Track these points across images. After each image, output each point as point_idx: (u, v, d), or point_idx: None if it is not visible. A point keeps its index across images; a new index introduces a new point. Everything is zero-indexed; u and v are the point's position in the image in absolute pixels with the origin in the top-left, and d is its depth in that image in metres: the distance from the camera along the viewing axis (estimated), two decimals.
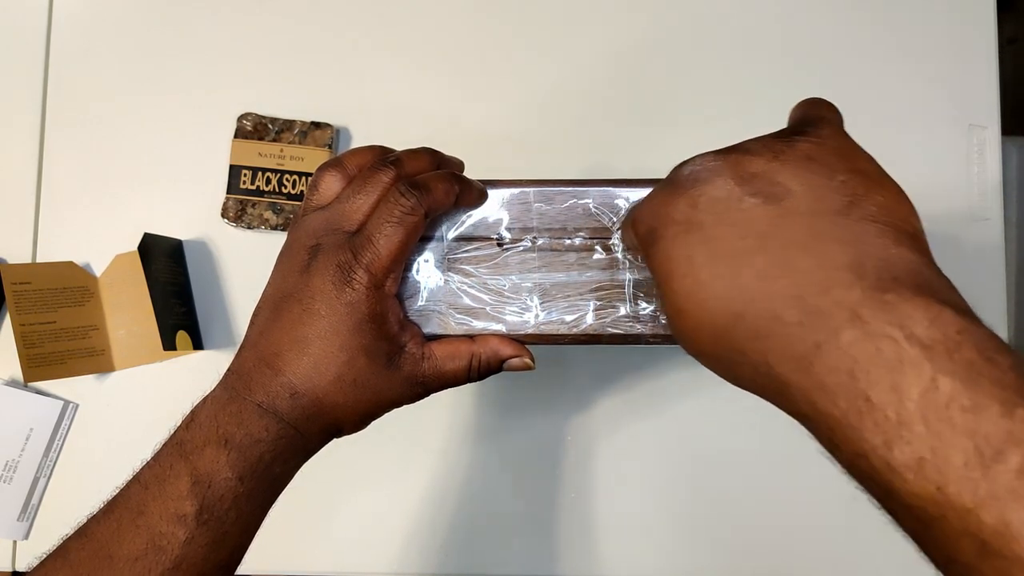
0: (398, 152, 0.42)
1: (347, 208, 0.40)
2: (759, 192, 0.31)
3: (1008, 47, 1.30)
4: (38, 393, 0.62)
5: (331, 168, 0.41)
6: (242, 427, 0.37)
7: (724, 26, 0.65)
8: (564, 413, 0.63)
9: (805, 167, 0.32)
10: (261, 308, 0.40)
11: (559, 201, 0.45)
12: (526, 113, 0.64)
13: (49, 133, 0.65)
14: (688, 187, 0.33)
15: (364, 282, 0.38)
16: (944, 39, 0.65)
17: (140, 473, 0.39)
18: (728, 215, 0.31)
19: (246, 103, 0.64)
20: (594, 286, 0.45)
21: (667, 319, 0.35)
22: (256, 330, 0.39)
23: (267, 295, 0.40)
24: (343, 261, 0.38)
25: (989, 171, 0.63)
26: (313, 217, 0.40)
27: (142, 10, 0.66)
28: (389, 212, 0.39)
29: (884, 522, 0.27)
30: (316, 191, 0.41)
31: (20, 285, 0.59)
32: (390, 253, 0.39)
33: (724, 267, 0.31)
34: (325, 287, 0.38)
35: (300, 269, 0.39)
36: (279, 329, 0.38)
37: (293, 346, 0.38)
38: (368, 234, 0.38)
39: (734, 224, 0.31)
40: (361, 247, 0.38)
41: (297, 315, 0.38)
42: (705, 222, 0.32)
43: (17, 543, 0.62)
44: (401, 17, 0.66)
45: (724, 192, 0.32)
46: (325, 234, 0.39)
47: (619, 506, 0.62)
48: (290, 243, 0.41)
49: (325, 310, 0.38)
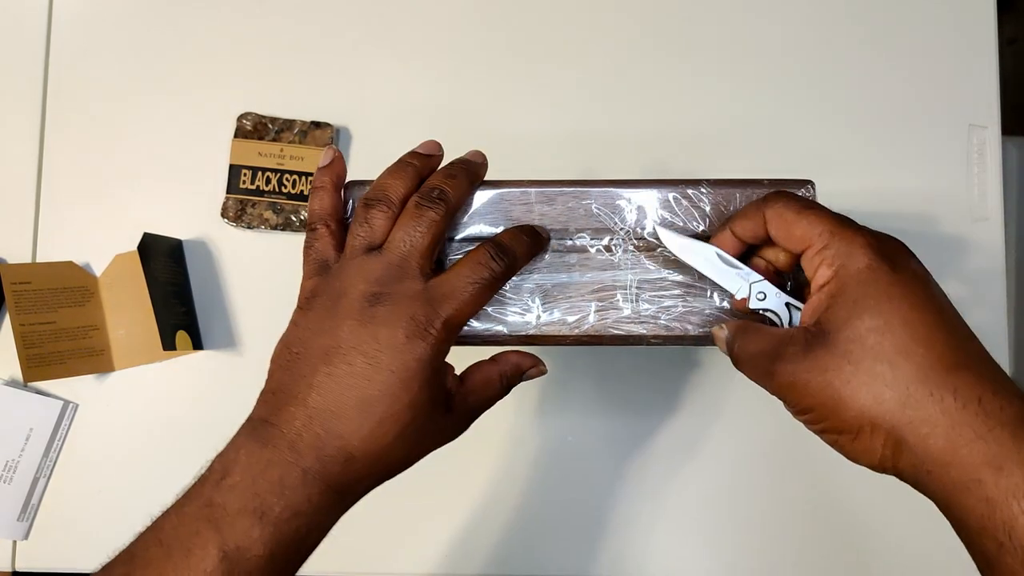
0: (438, 180, 0.41)
1: (409, 252, 0.38)
2: (940, 310, 0.35)
3: (1008, 47, 1.30)
4: (38, 393, 0.62)
5: (381, 205, 0.40)
6: (283, 498, 0.34)
7: (724, 26, 0.65)
8: (565, 413, 0.63)
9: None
10: (301, 355, 0.37)
11: (560, 202, 0.45)
12: (527, 113, 0.64)
13: (49, 133, 0.65)
14: (924, 274, 0.36)
15: (441, 337, 0.37)
16: (944, 39, 0.65)
17: (162, 528, 0.35)
18: (942, 294, 0.35)
19: (246, 103, 0.63)
20: (595, 287, 0.45)
21: (843, 331, 0.35)
22: (303, 382, 0.36)
23: (308, 341, 0.37)
24: (419, 314, 0.37)
25: (989, 171, 0.63)
26: (369, 261, 0.38)
27: (142, 10, 0.66)
28: (478, 274, 0.39)
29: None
30: (366, 229, 0.39)
31: (20, 285, 0.59)
32: (473, 310, 0.39)
33: (946, 322, 0.34)
34: (395, 340, 0.36)
35: (358, 318, 0.37)
36: (337, 386, 0.36)
37: (356, 407, 0.36)
38: (452, 290, 0.38)
39: (948, 304, 0.35)
40: (443, 301, 0.38)
41: (359, 370, 0.36)
42: (930, 284, 0.35)
43: (17, 543, 0.62)
44: (401, 17, 0.66)
45: (938, 293, 0.35)
46: (390, 282, 0.37)
47: (619, 506, 0.62)
48: (341, 288, 0.38)
49: (394, 365, 0.36)
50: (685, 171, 0.47)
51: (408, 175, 0.41)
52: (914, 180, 0.64)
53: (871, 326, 0.33)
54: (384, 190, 0.40)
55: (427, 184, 0.41)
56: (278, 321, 0.62)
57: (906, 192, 0.63)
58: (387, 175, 0.41)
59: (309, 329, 0.38)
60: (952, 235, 0.63)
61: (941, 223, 0.63)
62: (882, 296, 0.34)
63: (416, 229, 0.39)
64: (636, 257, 0.45)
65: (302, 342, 0.38)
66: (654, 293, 0.45)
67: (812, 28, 0.65)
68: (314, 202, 0.42)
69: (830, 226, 0.36)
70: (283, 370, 0.38)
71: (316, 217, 0.42)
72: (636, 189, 0.45)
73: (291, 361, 0.37)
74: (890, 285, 0.34)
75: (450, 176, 0.41)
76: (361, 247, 0.39)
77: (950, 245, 0.63)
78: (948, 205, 0.63)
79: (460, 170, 0.42)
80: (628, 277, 0.45)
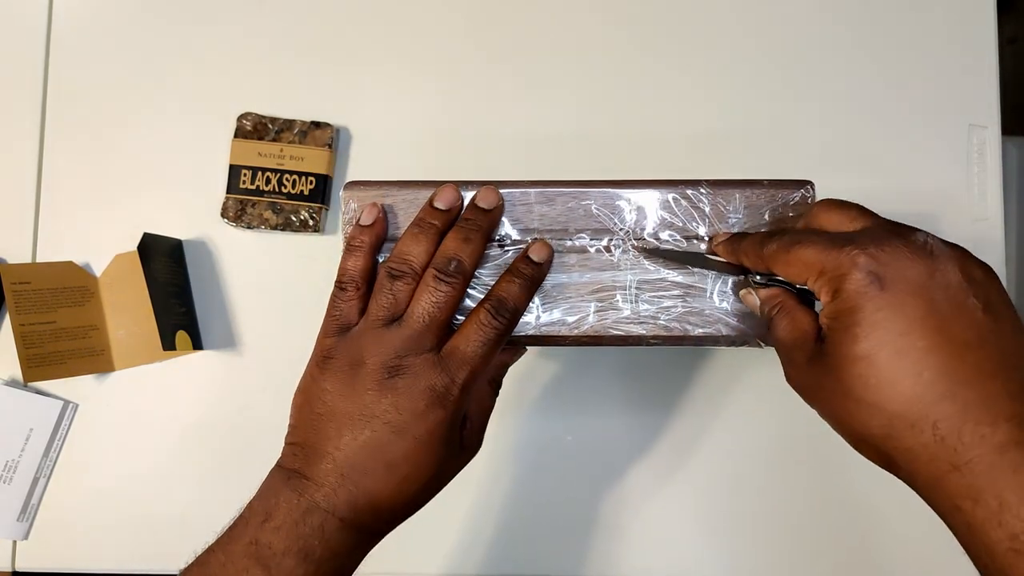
0: (454, 248, 0.42)
1: (427, 327, 0.40)
2: (980, 297, 0.33)
3: (1008, 47, 1.30)
4: (38, 393, 0.62)
5: (405, 278, 0.42)
6: (324, 541, 0.38)
7: (723, 26, 0.65)
8: (564, 413, 0.63)
9: (1008, 299, 0.34)
10: (326, 417, 0.40)
11: (560, 202, 0.45)
12: (527, 113, 0.64)
13: (49, 133, 0.65)
14: (927, 256, 0.34)
15: (459, 399, 0.40)
16: (944, 39, 0.65)
17: (208, 563, 0.39)
18: (956, 303, 0.33)
19: (246, 103, 0.63)
20: (595, 287, 0.45)
21: (838, 357, 0.35)
22: (331, 444, 0.39)
23: (332, 404, 0.40)
24: (437, 384, 0.40)
25: (989, 171, 0.63)
26: (389, 334, 0.40)
27: (142, 10, 0.66)
28: (484, 335, 0.41)
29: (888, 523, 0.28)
30: (390, 301, 0.41)
31: (20, 285, 0.59)
32: (486, 366, 0.42)
33: (937, 343, 0.32)
34: (416, 409, 0.39)
35: (379, 388, 0.39)
36: (364, 450, 0.39)
37: (383, 469, 0.39)
38: (463, 356, 0.40)
39: (959, 315, 0.33)
40: (458, 368, 0.40)
41: (384, 437, 0.39)
42: (937, 299, 0.33)
43: (17, 543, 0.62)
44: (401, 17, 0.65)
45: (956, 280, 0.33)
46: (407, 355, 0.40)
47: (620, 506, 0.62)
48: (361, 357, 0.40)
49: (417, 431, 0.39)
50: (685, 171, 0.46)
51: (430, 238, 0.43)
52: (914, 180, 0.64)
53: (860, 354, 0.33)
54: (408, 260, 0.42)
55: (444, 252, 0.42)
56: (278, 321, 0.63)
57: (906, 192, 0.63)
58: (410, 240, 0.43)
59: (330, 392, 0.40)
60: (952, 235, 0.62)
61: (941, 223, 0.63)
62: (869, 323, 0.33)
63: (434, 305, 0.41)
64: (635, 258, 0.45)
65: (325, 403, 0.40)
66: (653, 294, 0.45)
67: (812, 28, 0.65)
68: (348, 260, 0.43)
69: (820, 256, 0.36)
70: (309, 428, 0.41)
71: (348, 277, 0.43)
72: (636, 189, 0.45)
73: (316, 421, 0.40)
74: (876, 311, 0.33)
75: (466, 241, 0.43)
76: (383, 319, 0.41)
77: None
78: (948, 205, 0.63)
79: (475, 232, 0.43)
80: (627, 278, 0.45)
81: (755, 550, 0.62)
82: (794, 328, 0.38)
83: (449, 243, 0.42)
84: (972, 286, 0.33)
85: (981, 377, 0.32)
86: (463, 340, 0.41)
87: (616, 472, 0.62)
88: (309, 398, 0.41)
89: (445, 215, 0.44)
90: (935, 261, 0.34)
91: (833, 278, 0.35)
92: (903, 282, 0.33)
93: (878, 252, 0.34)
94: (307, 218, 0.62)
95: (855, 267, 0.34)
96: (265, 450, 0.62)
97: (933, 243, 0.35)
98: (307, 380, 0.42)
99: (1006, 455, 0.30)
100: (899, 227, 0.36)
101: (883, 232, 0.35)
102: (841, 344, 0.34)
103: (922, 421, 0.32)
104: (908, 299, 0.33)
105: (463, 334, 0.41)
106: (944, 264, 0.34)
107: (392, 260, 0.42)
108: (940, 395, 0.32)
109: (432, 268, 0.41)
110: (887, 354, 0.33)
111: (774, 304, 0.40)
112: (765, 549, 0.62)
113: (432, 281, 0.41)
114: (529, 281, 0.43)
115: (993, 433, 0.31)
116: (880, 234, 0.35)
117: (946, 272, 0.33)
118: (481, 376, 0.42)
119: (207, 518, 0.62)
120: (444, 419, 0.40)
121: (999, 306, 0.33)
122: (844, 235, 0.36)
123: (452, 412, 0.40)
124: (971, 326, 0.33)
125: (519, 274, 0.43)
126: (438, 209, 0.44)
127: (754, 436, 0.62)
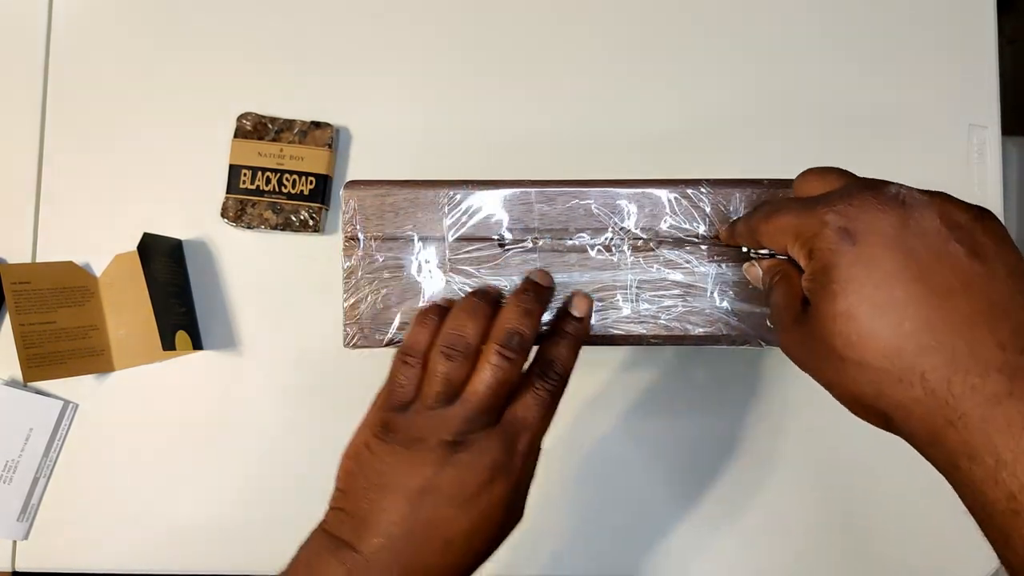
0: (515, 322, 0.42)
1: (489, 405, 0.40)
2: (964, 242, 0.32)
3: (1008, 47, 1.30)
4: (38, 393, 0.62)
5: (460, 357, 0.41)
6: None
7: (723, 27, 0.65)
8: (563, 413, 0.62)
9: (1003, 240, 0.33)
10: (380, 488, 0.39)
11: (560, 202, 0.45)
12: (527, 112, 0.64)
13: (49, 133, 0.65)
14: (899, 206, 0.33)
15: (522, 468, 0.40)
16: (944, 39, 0.65)
17: None
18: (935, 250, 0.32)
19: (246, 103, 0.63)
20: (596, 287, 0.45)
21: (819, 317, 0.34)
22: (386, 517, 0.39)
23: (388, 476, 0.40)
24: (499, 457, 0.39)
25: (989, 171, 0.63)
26: (450, 413, 0.40)
27: (142, 10, 0.66)
28: (540, 401, 0.41)
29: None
30: (446, 383, 0.41)
31: (20, 285, 0.59)
32: (543, 431, 0.42)
33: (916, 292, 0.32)
34: (481, 482, 0.39)
35: (440, 463, 0.39)
36: (422, 527, 0.38)
37: (442, 546, 0.38)
38: (523, 424, 0.40)
39: (939, 261, 0.32)
40: (517, 438, 0.40)
41: (445, 513, 0.38)
42: (914, 247, 0.32)
43: (17, 543, 0.62)
44: (401, 17, 0.65)
45: (933, 227, 0.32)
46: (467, 432, 0.39)
47: (619, 505, 0.62)
48: (421, 434, 0.40)
49: (481, 504, 0.39)
50: (685, 171, 0.46)
51: (483, 315, 0.42)
52: (914, 180, 0.63)
53: (839, 311, 0.33)
54: (464, 337, 0.41)
55: (507, 326, 0.41)
56: (278, 321, 0.63)
57: None
58: (465, 315, 0.42)
59: (388, 464, 0.40)
60: None
61: None
62: (844, 279, 0.33)
63: (498, 381, 0.40)
64: (636, 257, 0.45)
65: (380, 475, 0.39)
66: (654, 293, 0.45)
67: (812, 27, 0.65)
68: (419, 333, 0.43)
69: (794, 220, 0.35)
70: (362, 497, 0.40)
71: (415, 352, 0.42)
72: (636, 189, 0.45)
73: (369, 491, 0.39)
74: (850, 266, 0.32)
75: (527, 315, 0.42)
76: (442, 399, 0.40)
77: None
78: None
79: (535, 305, 0.43)
80: (628, 277, 0.45)
81: (757, 549, 0.62)
82: (787, 294, 0.38)
83: (510, 316, 0.42)
84: (954, 231, 0.32)
85: (967, 324, 0.31)
86: (521, 409, 0.41)
87: (617, 471, 0.62)
88: (362, 466, 0.40)
89: (493, 295, 0.43)
90: (908, 210, 0.33)
91: (806, 239, 0.35)
92: (875, 234, 0.32)
93: (846, 208, 0.33)
94: (307, 218, 0.62)
95: (825, 225, 0.33)
96: (265, 450, 0.63)
97: (906, 193, 0.34)
98: (360, 447, 0.41)
99: (998, 408, 0.29)
100: (872, 181, 0.35)
101: (854, 188, 0.35)
102: (821, 304, 0.34)
103: (909, 374, 0.31)
104: (882, 251, 0.32)
105: (521, 403, 0.41)
106: (919, 212, 0.33)
107: (445, 338, 0.41)
108: (924, 346, 0.31)
109: (494, 343, 0.41)
110: (866, 308, 0.32)
111: (775, 273, 0.40)
112: (775, 550, 0.62)
113: (495, 358, 0.40)
114: (574, 340, 0.43)
115: (984, 384, 0.30)
116: (851, 190, 0.34)
117: (921, 219, 0.33)
118: (539, 441, 0.42)
119: (207, 518, 0.62)
120: (508, 489, 0.40)
121: (987, 248, 0.32)
122: (816, 196, 0.36)
123: (515, 481, 0.40)
124: (954, 272, 0.31)
125: (564, 335, 0.43)
126: (487, 292, 0.44)
127: (756, 433, 0.62)
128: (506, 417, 0.41)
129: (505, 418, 0.41)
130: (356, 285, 0.46)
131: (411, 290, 0.46)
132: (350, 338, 0.46)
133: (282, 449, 0.62)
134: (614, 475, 0.62)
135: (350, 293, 0.46)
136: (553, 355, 0.42)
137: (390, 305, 0.46)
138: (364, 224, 0.46)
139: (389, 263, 0.46)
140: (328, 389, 0.62)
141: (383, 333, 0.46)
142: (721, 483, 0.62)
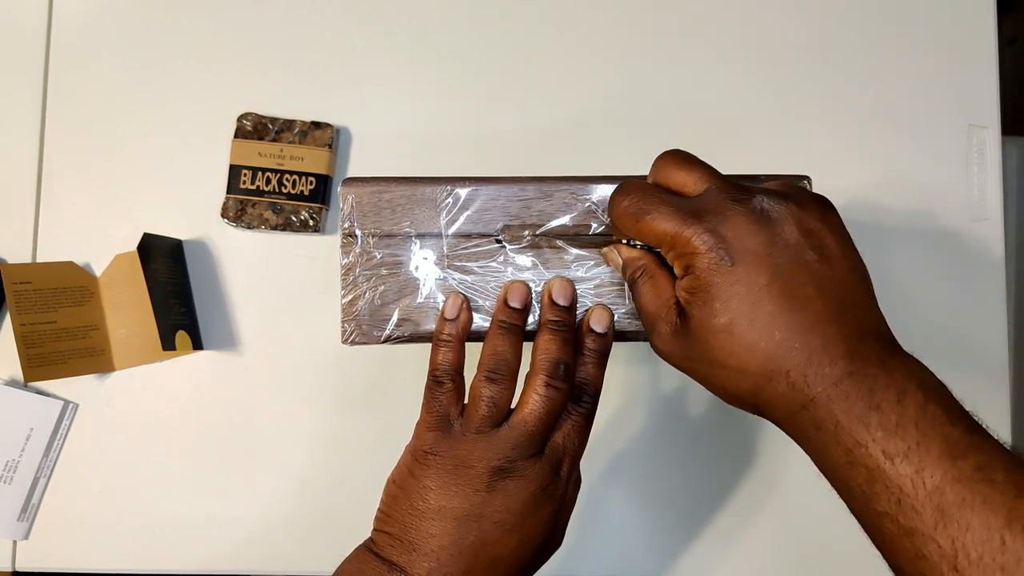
0: (561, 353, 0.42)
1: (535, 432, 0.41)
2: (816, 248, 0.36)
3: (1008, 47, 1.30)
4: (38, 393, 0.62)
5: (504, 381, 0.42)
6: None
7: (723, 23, 0.65)
8: None
9: (844, 239, 0.37)
10: (427, 514, 0.40)
11: (558, 198, 0.45)
12: (525, 109, 0.64)
13: (49, 133, 0.65)
14: (766, 223, 0.36)
15: (565, 491, 0.42)
16: (944, 39, 0.65)
17: None
18: (795, 261, 0.36)
19: (246, 103, 0.64)
20: (593, 284, 0.45)
21: (701, 330, 0.37)
22: (434, 541, 0.40)
23: (434, 500, 0.40)
24: (545, 481, 0.41)
25: (989, 171, 0.63)
26: (496, 438, 0.41)
27: (142, 10, 0.66)
28: (578, 424, 0.43)
29: None
30: (491, 407, 0.41)
31: (20, 285, 0.59)
32: (582, 452, 0.43)
33: (783, 303, 0.35)
34: (527, 507, 0.40)
35: (488, 490, 0.40)
36: (470, 549, 0.40)
37: (487, 567, 0.40)
38: (566, 447, 0.42)
39: (799, 272, 0.35)
40: (561, 461, 0.42)
41: (492, 536, 0.40)
42: (780, 263, 0.35)
43: (17, 543, 0.62)
44: (401, 17, 0.66)
45: (794, 239, 0.36)
46: (515, 459, 0.41)
47: (617, 505, 0.62)
48: (467, 459, 0.41)
49: (527, 527, 0.40)
50: None
51: (518, 337, 0.43)
52: (914, 179, 0.64)
53: (721, 327, 0.36)
54: (506, 362, 0.42)
55: (551, 357, 0.42)
56: (278, 321, 0.63)
57: (905, 191, 0.63)
58: (502, 341, 0.43)
59: (434, 490, 0.41)
60: (951, 235, 0.63)
61: (941, 223, 0.63)
62: (725, 297, 0.36)
63: (545, 411, 0.41)
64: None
65: (426, 500, 0.41)
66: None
67: (812, 26, 0.65)
68: (440, 355, 0.44)
69: (669, 229, 0.37)
70: (408, 521, 0.41)
71: (443, 372, 0.43)
72: None
73: (416, 516, 0.41)
74: (730, 286, 0.36)
75: (566, 343, 0.43)
76: (487, 423, 0.41)
77: (949, 245, 0.63)
78: (948, 205, 0.63)
79: (569, 332, 0.44)
80: None
81: (754, 547, 0.62)
82: (657, 297, 0.40)
83: (550, 347, 0.42)
84: (809, 238, 0.36)
85: (821, 325, 0.35)
86: (561, 435, 0.42)
87: (618, 472, 0.62)
88: (408, 491, 0.41)
89: (519, 313, 0.44)
90: (773, 226, 0.36)
91: (683, 255, 0.37)
92: (749, 254, 0.35)
93: (723, 229, 0.36)
94: (307, 218, 0.62)
95: (705, 246, 0.36)
96: (266, 450, 0.62)
97: (769, 206, 0.36)
98: (404, 472, 0.42)
99: (840, 386, 0.33)
100: (739, 193, 0.37)
101: (725, 202, 0.37)
102: (702, 319, 0.36)
103: (777, 374, 0.35)
104: (756, 270, 0.35)
105: (561, 430, 0.42)
106: (782, 226, 0.36)
107: (488, 363, 0.42)
108: (789, 349, 0.35)
109: (543, 375, 0.41)
110: (744, 323, 0.35)
111: (636, 267, 0.41)
112: (767, 545, 0.62)
113: (543, 388, 0.41)
114: (599, 355, 0.44)
115: (831, 371, 0.34)
116: (722, 205, 0.37)
117: (784, 234, 0.36)
118: (578, 463, 0.43)
119: (207, 518, 0.62)
120: (553, 514, 0.41)
121: (833, 250, 0.36)
122: (689, 206, 0.37)
123: (560, 506, 0.42)
124: (810, 280, 0.35)
125: (590, 352, 0.44)
126: (515, 309, 0.44)
127: (754, 433, 0.62)
128: (549, 444, 0.42)
129: (548, 445, 0.42)
130: (354, 282, 0.46)
131: (409, 286, 0.46)
132: (348, 335, 0.46)
133: (282, 449, 0.62)
134: (616, 475, 0.62)
135: (348, 290, 0.46)
136: (582, 377, 0.43)
137: (388, 301, 0.46)
138: (362, 221, 0.46)
139: (387, 259, 0.46)
140: (328, 389, 0.62)
141: (381, 330, 0.46)
142: (733, 483, 0.62)
